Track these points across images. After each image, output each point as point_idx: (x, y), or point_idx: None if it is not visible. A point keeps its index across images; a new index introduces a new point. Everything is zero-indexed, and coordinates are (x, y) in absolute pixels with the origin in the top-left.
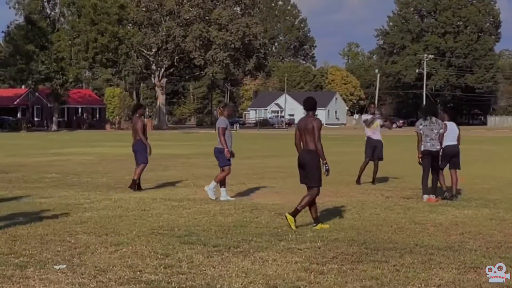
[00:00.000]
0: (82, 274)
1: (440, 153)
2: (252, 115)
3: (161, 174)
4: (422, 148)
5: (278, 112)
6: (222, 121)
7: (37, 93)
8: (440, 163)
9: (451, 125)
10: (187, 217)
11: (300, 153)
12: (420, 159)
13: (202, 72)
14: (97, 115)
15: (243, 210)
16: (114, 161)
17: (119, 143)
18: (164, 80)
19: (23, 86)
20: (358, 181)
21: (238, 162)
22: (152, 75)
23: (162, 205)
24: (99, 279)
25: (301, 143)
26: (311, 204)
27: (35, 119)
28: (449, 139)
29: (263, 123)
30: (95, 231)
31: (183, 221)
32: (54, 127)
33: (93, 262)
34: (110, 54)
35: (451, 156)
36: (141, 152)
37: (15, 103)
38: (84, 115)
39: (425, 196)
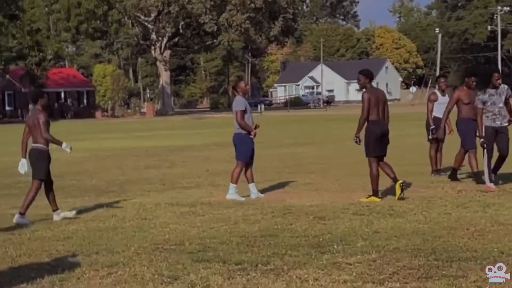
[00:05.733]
0: None
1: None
2: (280, 93)
3: (166, 172)
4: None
5: (313, 88)
6: (240, 102)
7: (7, 76)
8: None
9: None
10: (200, 227)
11: (380, 122)
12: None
13: (215, 40)
14: (85, 101)
15: (273, 215)
16: (107, 158)
17: (114, 134)
18: (167, 53)
19: None
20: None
21: (265, 153)
22: (152, 47)
23: (168, 211)
24: None
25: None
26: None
27: (7, 108)
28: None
29: (295, 103)
30: (82, 249)
31: (195, 232)
32: None
33: None
34: (98, 22)
35: None
36: None
37: None
38: (68, 100)
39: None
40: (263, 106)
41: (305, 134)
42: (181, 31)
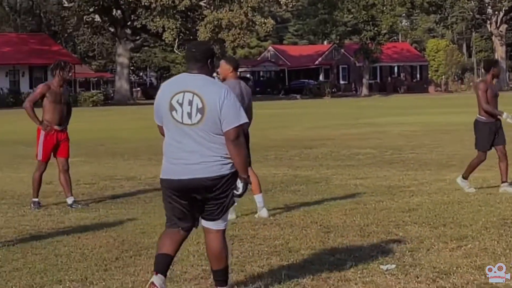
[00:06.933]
0: (418, 277)
1: None
2: None
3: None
4: None
5: None
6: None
7: (342, 50)
8: None
9: None
10: None
11: None
12: None
13: None
14: (418, 75)
15: None
16: (443, 133)
17: (448, 109)
18: (503, 27)
19: (325, 42)
20: None
21: None
22: (488, 21)
23: None
24: (440, 284)
25: None
26: None
27: (341, 82)
28: None
29: None
30: (429, 221)
31: None
32: (364, 91)
33: (429, 262)
34: None
35: None
36: None
37: (316, 63)
38: (401, 75)
39: None
40: None
41: None
42: None
